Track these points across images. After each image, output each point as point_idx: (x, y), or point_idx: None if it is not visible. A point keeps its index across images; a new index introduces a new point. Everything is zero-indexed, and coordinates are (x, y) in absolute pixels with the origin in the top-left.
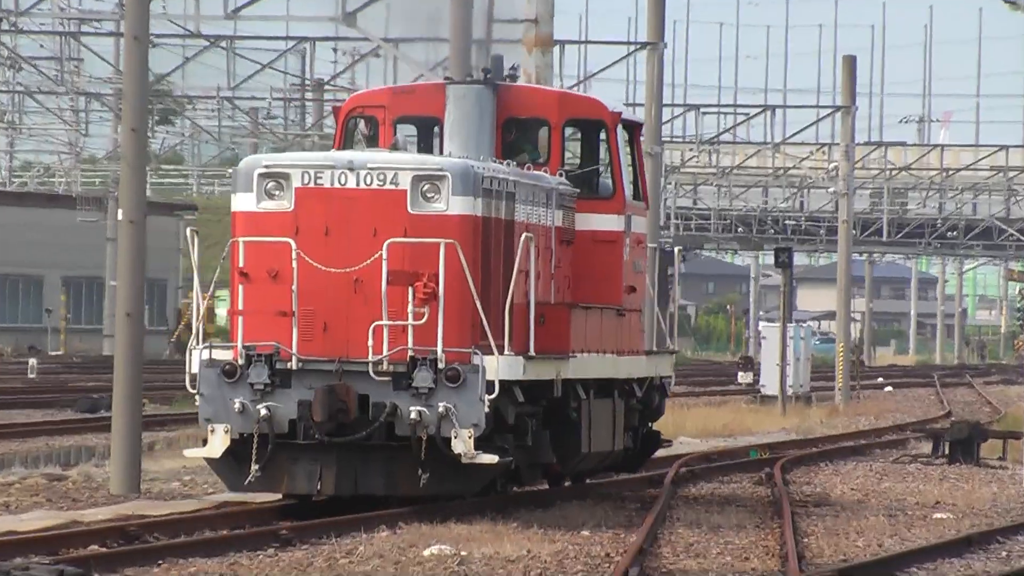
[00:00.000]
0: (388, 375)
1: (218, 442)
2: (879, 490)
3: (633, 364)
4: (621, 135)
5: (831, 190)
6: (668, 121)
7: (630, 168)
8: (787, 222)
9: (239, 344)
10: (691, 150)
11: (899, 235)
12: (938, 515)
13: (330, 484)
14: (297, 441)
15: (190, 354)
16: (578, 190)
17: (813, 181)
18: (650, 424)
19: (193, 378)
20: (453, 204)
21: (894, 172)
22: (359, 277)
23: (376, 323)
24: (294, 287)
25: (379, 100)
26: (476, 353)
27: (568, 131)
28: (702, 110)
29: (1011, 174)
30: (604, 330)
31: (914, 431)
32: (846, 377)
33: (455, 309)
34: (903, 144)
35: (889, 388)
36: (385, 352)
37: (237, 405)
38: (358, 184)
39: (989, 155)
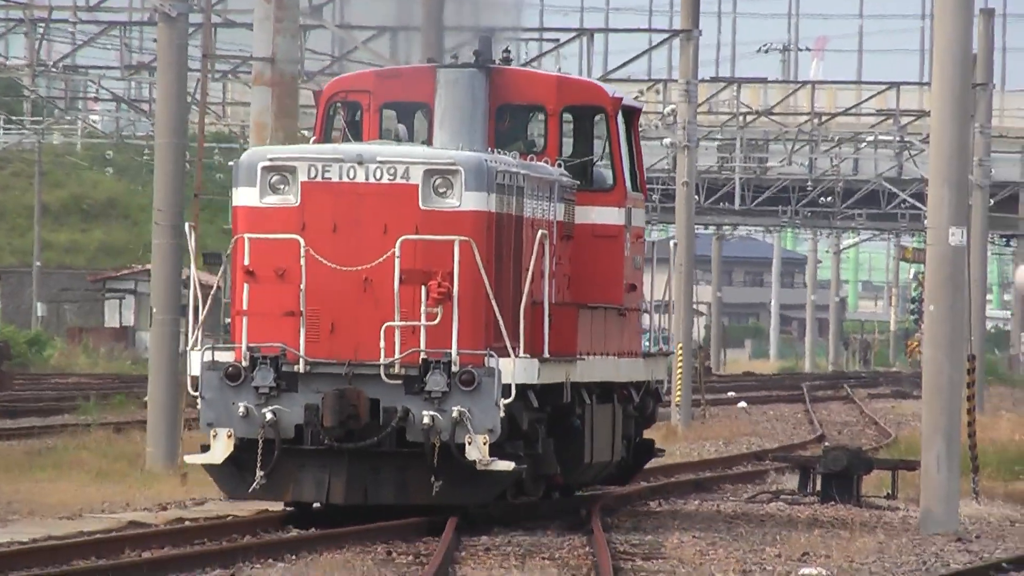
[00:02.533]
0: (400, 378)
1: (220, 448)
2: (729, 539)
3: (632, 367)
4: (620, 122)
5: (666, 141)
6: (456, 47)
7: (628, 157)
8: None
9: (243, 345)
10: None
11: (756, 202)
12: (806, 572)
13: (339, 492)
14: (304, 447)
15: (190, 356)
16: (578, 182)
17: (643, 130)
18: (642, 433)
19: (194, 381)
20: (466, 200)
21: (750, 118)
22: (369, 276)
23: (387, 324)
24: (302, 286)
25: (363, 84)
26: (492, 355)
27: (565, 117)
28: (495, 36)
29: (904, 120)
30: (607, 331)
31: (776, 460)
32: (687, 390)
33: (469, 309)
34: (762, 81)
35: (743, 404)
36: (397, 354)
37: (241, 409)
38: (367, 178)
39: (876, 95)
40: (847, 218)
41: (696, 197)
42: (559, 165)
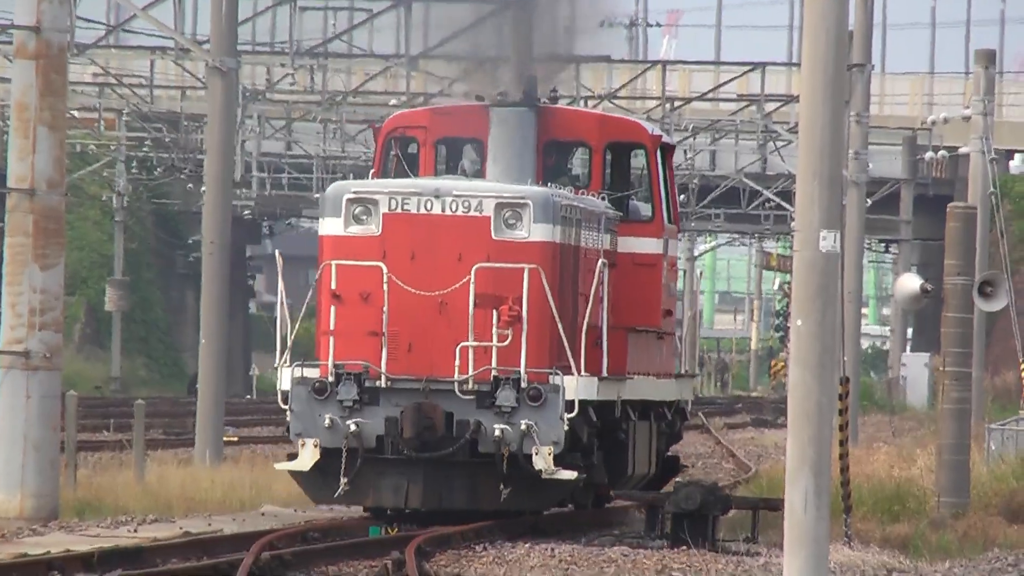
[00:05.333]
0: (472, 394)
1: (308, 456)
2: None
3: (667, 387)
4: (658, 158)
5: None
6: (253, 17)
7: (665, 191)
8: None
9: (330, 363)
10: (284, 64)
11: None
12: None
13: (416, 498)
14: (384, 456)
15: (281, 372)
16: (620, 214)
17: None
18: (669, 448)
19: (284, 395)
20: (534, 231)
21: (592, 103)
22: (444, 300)
23: (462, 344)
24: (385, 308)
25: (420, 121)
26: (556, 373)
27: (607, 153)
28: None
29: (770, 107)
30: (648, 353)
31: (619, 497)
32: None
33: (536, 331)
34: (605, 60)
35: None
36: (471, 372)
37: (327, 421)
38: (443, 210)
39: (737, 77)
40: (702, 219)
41: None
42: (602, 198)
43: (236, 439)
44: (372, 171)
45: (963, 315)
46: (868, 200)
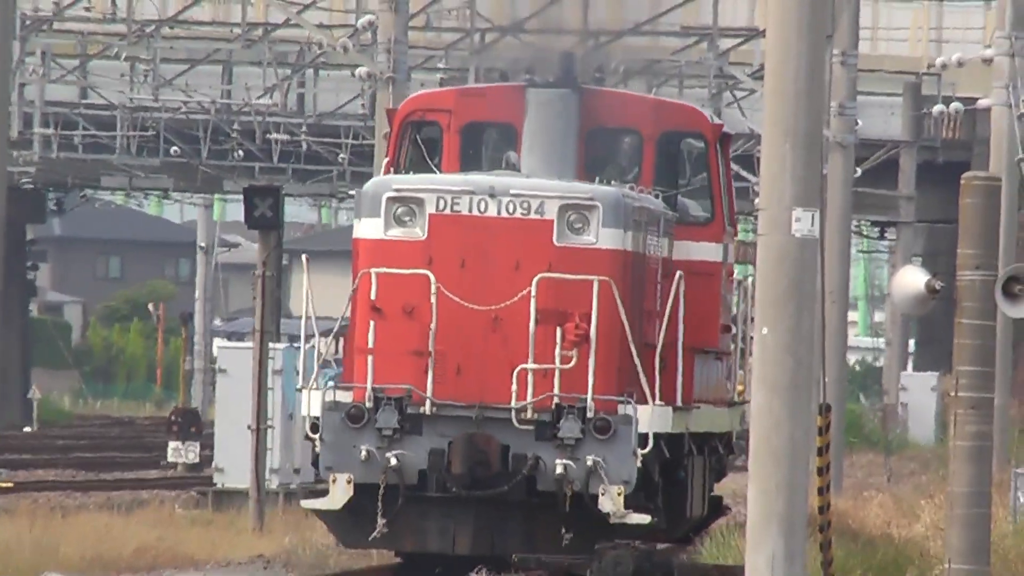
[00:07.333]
0: (531, 424)
1: (340, 493)
2: None
3: (723, 417)
4: (718, 150)
5: (361, 72)
6: None
7: (725, 188)
8: (278, 134)
9: (368, 386)
10: None
11: None
12: None
13: (466, 542)
14: (428, 494)
15: (309, 396)
16: (677, 215)
17: (326, 52)
18: (713, 486)
19: (313, 422)
20: (603, 237)
21: (491, 37)
22: (499, 315)
23: (521, 367)
24: (433, 325)
25: (444, 103)
26: (629, 402)
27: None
28: None
29: (726, 44)
30: (708, 377)
31: (522, 566)
32: None
33: (606, 353)
34: None
35: None
36: (529, 399)
37: (363, 452)
38: (499, 212)
39: (681, 4)
40: None
41: None
42: (655, 195)
43: (11, 484)
44: (386, 162)
45: (983, 322)
46: (857, 169)
